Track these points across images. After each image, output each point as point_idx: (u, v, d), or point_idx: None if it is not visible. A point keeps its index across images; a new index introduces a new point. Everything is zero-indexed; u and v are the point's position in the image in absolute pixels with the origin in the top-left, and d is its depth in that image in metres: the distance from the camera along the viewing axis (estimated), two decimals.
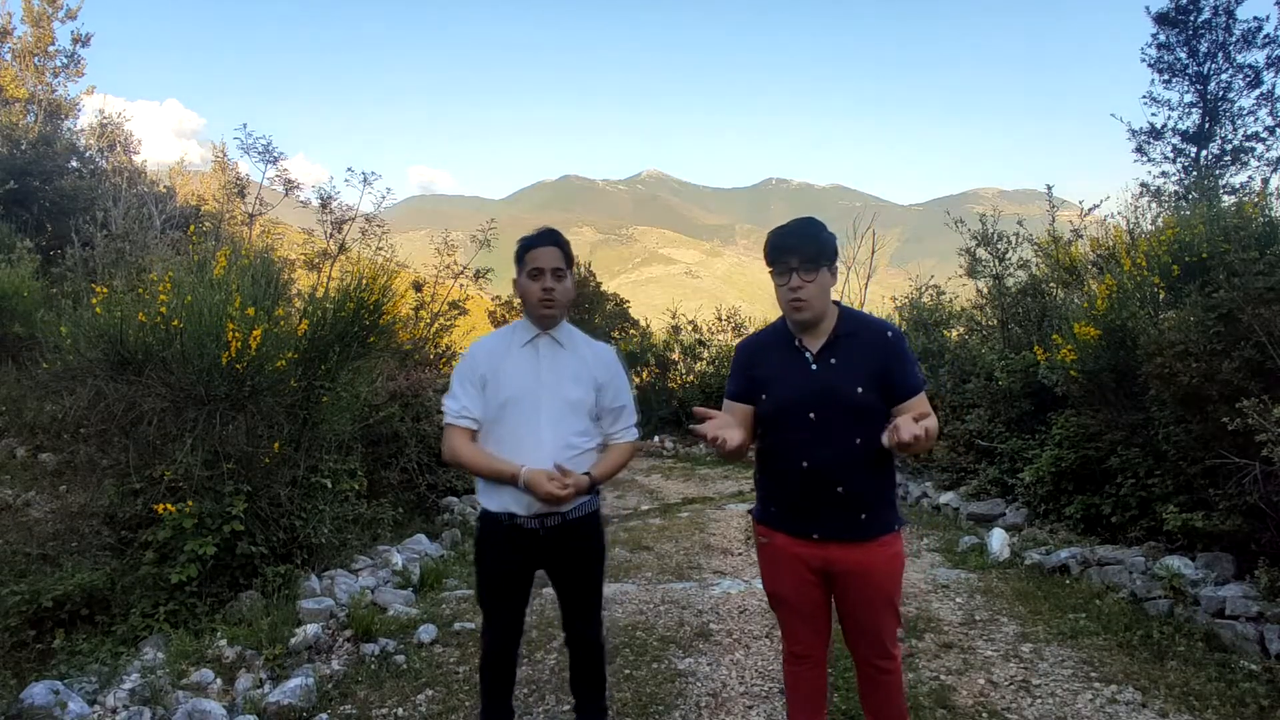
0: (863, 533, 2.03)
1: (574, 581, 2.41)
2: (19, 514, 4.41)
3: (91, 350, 4.24)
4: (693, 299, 16.88)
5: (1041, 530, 5.04)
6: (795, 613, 2.20)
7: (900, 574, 2.13)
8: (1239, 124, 10.30)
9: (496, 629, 2.42)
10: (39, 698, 2.80)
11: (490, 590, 2.40)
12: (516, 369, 2.29)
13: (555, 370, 2.30)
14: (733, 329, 13.10)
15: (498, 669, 2.47)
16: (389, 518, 5.28)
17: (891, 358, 2.03)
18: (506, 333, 2.39)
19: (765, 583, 2.25)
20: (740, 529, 6.26)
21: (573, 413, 2.30)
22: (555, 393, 2.28)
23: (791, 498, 2.08)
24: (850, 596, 2.10)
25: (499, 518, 2.28)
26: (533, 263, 2.25)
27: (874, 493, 2.04)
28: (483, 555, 2.38)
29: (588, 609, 2.46)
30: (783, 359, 2.09)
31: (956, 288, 8.95)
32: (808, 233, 2.03)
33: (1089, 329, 4.82)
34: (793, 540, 2.10)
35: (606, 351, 2.44)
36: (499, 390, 2.26)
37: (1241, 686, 2.98)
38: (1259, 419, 3.27)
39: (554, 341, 2.33)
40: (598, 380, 2.34)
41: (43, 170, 9.88)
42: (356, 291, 4.76)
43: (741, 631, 3.85)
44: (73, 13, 13.13)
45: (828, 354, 2.05)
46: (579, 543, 2.35)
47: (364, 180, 8.57)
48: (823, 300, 2.03)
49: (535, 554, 2.32)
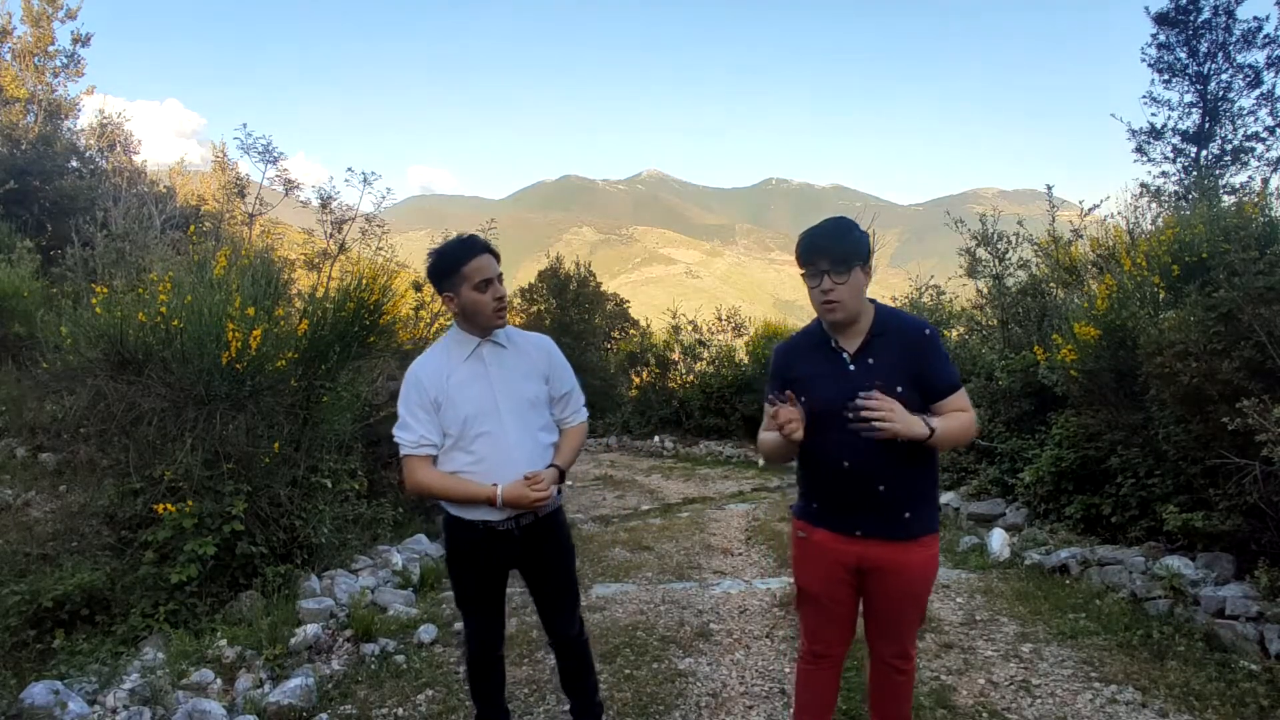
0: (906, 531, 2.03)
1: (549, 579, 2.42)
2: (19, 514, 4.41)
3: (91, 350, 4.24)
4: (693, 299, 16.89)
5: (1041, 530, 5.04)
6: (822, 610, 2.19)
7: (933, 577, 2.14)
8: (1239, 124, 10.29)
9: (480, 632, 2.43)
10: (39, 698, 2.80)
11: (470, 595, 2.40)
12: (468, 383, 2.25)
13: (505, 373, 2.29)
14: (733, 329, 13.10)
15: (486, 670, 2.48)
16: (389, 518, 5.28)
17: (927, 355, 2.02)
18: (441, 350, 2.32)
19: (797, 578, 2.24)
20: (740, 529, 6.26)
21: (533, 409, 2.30)
22: (511, 395, 2.27)
23: (834, 496, 2.08)
24: (881, 593, 2.10)
25: (473, 524, 2.27)
26: (479, 274, 2.19)
27: (916, 492, 2.05)
28: (458, 562, 2.38)
29: (566, 607, 2.46)
30: (820, 360, 2.09)
31: (956, 288, 8.95)
32: (838, 233, 2.01)
33: (1089, 329, 4.82)
34: (834, 536, 2.09)
35: (543, 340, 2.43)
36: (456, 409, 2.23)
37: (1241, 686, 2.98)
38: (1259, 419, 3.27)
39: (495, 345, 2.31)
40: (543, 371, 2.35)
41: (43, 170, 9.88)
42: (356, 291, 4.76)
43: (742, 631, 3.84)
44: (73, 13, 13.13)
45: (865, 354, 2.04)
46: (551, 538, 2.37)
47: (364, 180, 8.57)
48: (856, 301, 2.01)
49: (509, 555, 2.33)
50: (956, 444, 2.06)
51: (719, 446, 11.17)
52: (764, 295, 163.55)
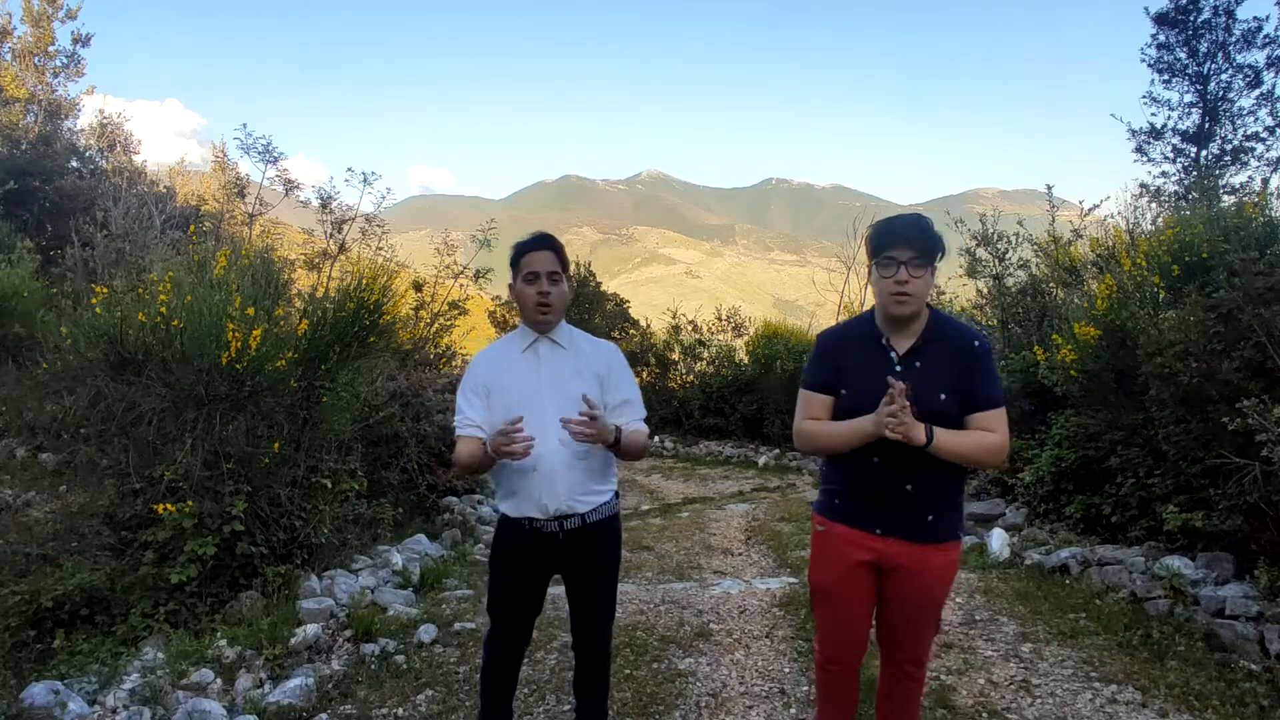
0: (926, 534, 2.01)
1: (589, 586, 2.40)
2: (19, 514, 4.42)
3: (91, 350, 4.24)
4: (693, 299, 16.89)
5: (1041, 530, 5.04)
6: (837, 609, 2.15)
7: (950, 583, 2.11)
8: (1239, 124, 10.28)
9: (504, 637, 2.40)
10: (39, 698, 2.80)
11: (505, 598, 2.38)
12: (518, 375, 2.30)
13: (556, 370, 2.30)
14: (733, 329, 13.10)
15: (501, 676, 2.45)
16: (389, 518, 5.27)
17: (975, 368, 2.00)
18: (507, 340, 2.40)
19: (813, 575, 2.21)
20: (740, 529, 6.26)
21: (579, 408, 2.27)
22: (558, 391, 2.27)
23: (861, 492, 2.06)
24: (898, 595, 2.08)
25: (519, 523, 2.27)
26: (528, 267, 2.24)
27: (943, 496, 2.02)
28: (500, 562, 2.37)
29: (600, 615, 2.44)
30: (868, 355, 2.05)
31: (956, 288, 8.95)
32: (921, 226, 1.96)
33: (1089, 329, 4.82)
34: (853, 531, 2.07)
35: (607, 346, 2.43)
36: (503, 397, 2.27)
37: (1241, 686, 2.98)
38: (1259, 419, 3.27)
39: (553, 344, 2.33)
40: (598, 374, 2.33)
41: (43, 170, 9.88)
42: (356, 291, 4.76)
43: (742, 631, 3.85)
44: (73, 13, 13.14)
45: (914, 357, 2.01)
46: (597, 547, 2.34)
47: (364, 180, 8.58)
48: (923, 299, 1.99)
49: (553, 559, 2.31)
50: (971, 461, 1.99)
51: (719, 446, 11.17)
52: (764, 295, 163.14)
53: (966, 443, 1.95)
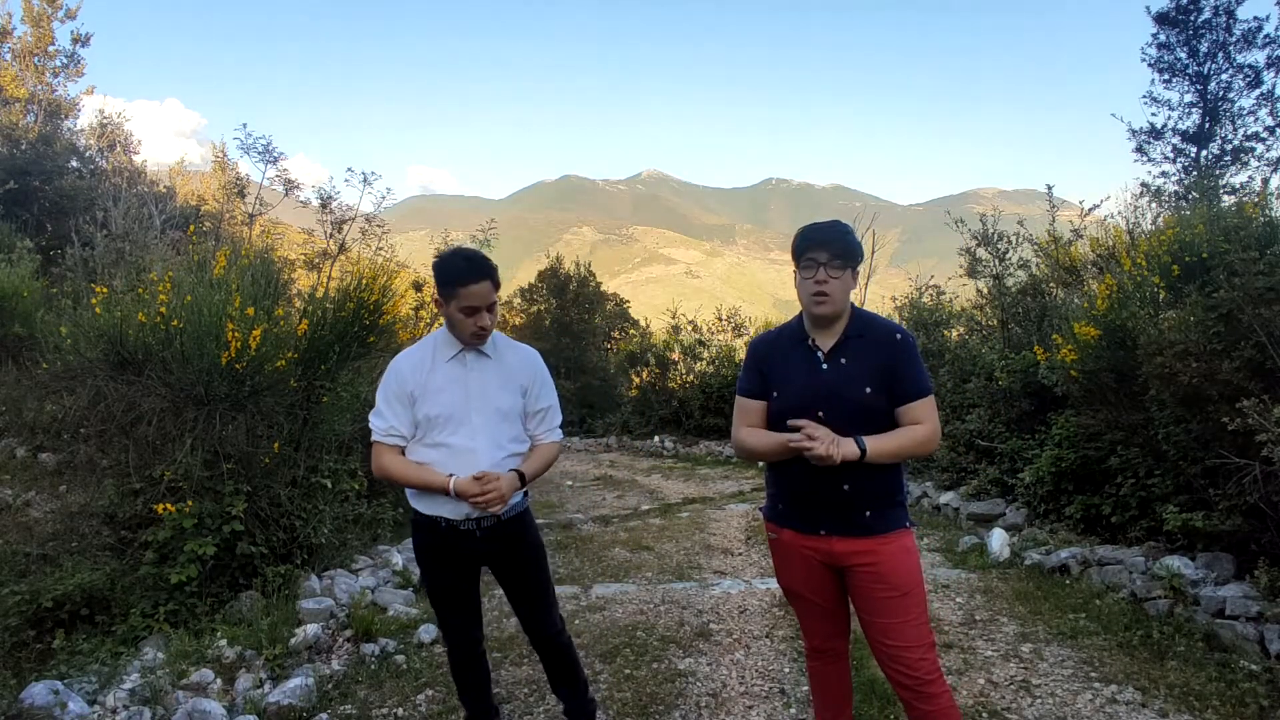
0: (867, 529, 2.04)
1: (518, 580, 2.45)
2: (19, 514, 4.41)
3: (91, 350, 4.24)
4: (693, 299, 16.89)
5: (1041, 530, 5.04)
6: (812, 606, 2.22)
7: (914, 568, 2.07)
8: (1239, 124, 10.30)
9: (455, 631, 2.46)
10: (39, 698, 2.80)
11: (439, 593, 2.43)
12: (444, 383, 2.28)
13: (483, 381, 2.31)
14: (733, 329, 13.10)
15: (468, 669, 2.51)
16: (389, 518, 5.28)
17: (899, 359, 2.05)
18: (428, 346, 2.35)
19: (779, 578, 2.28)
20: (740, 529, 6.26)
21: (504, 420, 2.32)
22: (485, 403, 2.29)
23: (799, 494, 2.10)
24: (860, 590, 2.08)
25: (435, 521, 2.30)
26: (467, 300, 2.19)
27: (881, 492, 2.05)
28: (425, 561, 2.41)
29: (540, 608, 2.48)
30: (794, 357, 2.12)
31: (956, 288, 8.94)
32: (838, 231, 2.08)
33: (1089, 329, 4.82)
34: (799, 535, 2.13)
35: (530, 355, 2.45)
36: (429, 406, 2.26)
37: (1241, 686, 2.98)
38: (1259, 419, 3.27)
39: (480, 353, 2.33)
40: (523, 385, 2.37)
41: (43, 170, 9.88)
42: (356, 291, 4.76)
43: (741, 631, 3.85)
44: (72, 13, 13.14)
45: (838, 354, 2.08)
46: (515, 542, 2.39)
47: (364, 180, 8.58)
48: (844, 299, 2.06)
49: (476, 555, 2.36)
50: (909, 457, 2.04)
51: (719, 446, 11.17)
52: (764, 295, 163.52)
53: (899, 441, 2.01)
